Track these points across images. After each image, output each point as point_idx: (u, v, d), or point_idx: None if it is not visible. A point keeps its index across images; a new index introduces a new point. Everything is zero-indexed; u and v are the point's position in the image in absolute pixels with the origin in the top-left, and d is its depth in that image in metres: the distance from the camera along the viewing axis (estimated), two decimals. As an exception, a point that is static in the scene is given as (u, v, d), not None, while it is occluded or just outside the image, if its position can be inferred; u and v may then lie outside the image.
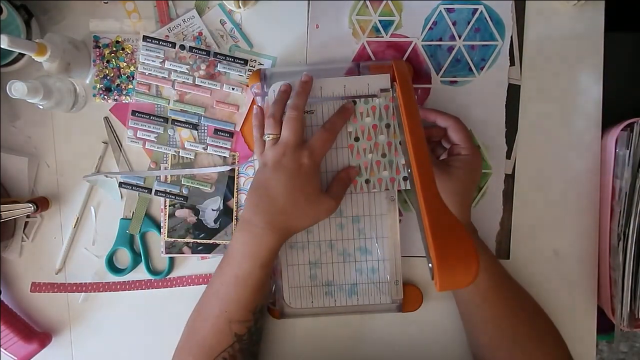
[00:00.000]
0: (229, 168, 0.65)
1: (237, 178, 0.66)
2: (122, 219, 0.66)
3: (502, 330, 0.57)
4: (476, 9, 0.63)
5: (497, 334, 0.57)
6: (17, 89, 0.56)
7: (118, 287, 0.67)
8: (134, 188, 0.66)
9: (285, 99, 0.58)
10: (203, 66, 0.65)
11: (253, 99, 0.65)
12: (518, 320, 0.57)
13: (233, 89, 0.65)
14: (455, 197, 0.57)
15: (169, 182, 0.66)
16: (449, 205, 0.53)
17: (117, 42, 0.65)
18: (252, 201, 0.56)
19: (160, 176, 0.66)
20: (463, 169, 0.57)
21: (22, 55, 0.63)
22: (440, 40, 0.64)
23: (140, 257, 0.66)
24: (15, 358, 0.64)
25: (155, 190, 0.66)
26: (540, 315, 0.59)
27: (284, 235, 0.56)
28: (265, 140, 0.57)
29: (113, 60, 0.66)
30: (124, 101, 0.66)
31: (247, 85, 0.65)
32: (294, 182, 0.54)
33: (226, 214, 0.66)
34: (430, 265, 0.50)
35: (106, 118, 0.66)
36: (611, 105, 0.64)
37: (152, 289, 0.67)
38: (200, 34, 0.65)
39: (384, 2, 0.64)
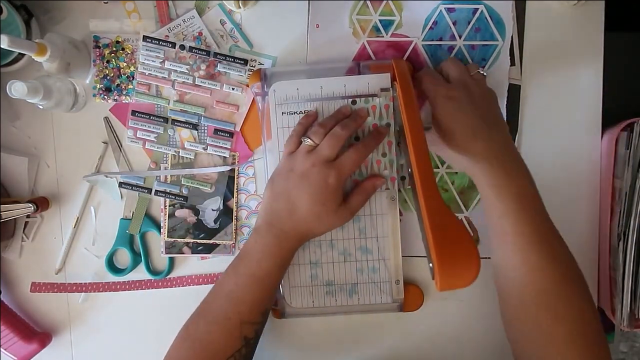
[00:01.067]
0: (229, 168, 0.65)
1: (237, 178, 0.66)
2: (122, 219, 0.66)
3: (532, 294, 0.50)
4: (476, 9, 0.63)
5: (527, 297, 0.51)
6: (17, 89, 0.56)
7: (118, 287, 0.67)
8: (134, 188, 0.66)
9: (341, 118, 0.58)
10: (203, 66, 0.65)
11: (253, 98, 0.65)
12: (547, 277, 0.50)
13: (233, 89, 0.65)
14: (452, 144, 0.54)
15: (169, 182, 0.66)
16: (453, 154, 0.54)
17: (117, 42, 0.65)
18: (273, 207, 0.57)
19: (160, 176, 0.66)
20: (435, 118, 0.55)
21: (22, 55, 0.63)
22: (441, 40, 0.64)
23: (140, 257, 0.66)
24: (15, 358, 0.64)
25: (155, 190, 0.66)
26: (573, 274, 0.52)
27: (303, 239, 0.58)
28: (301, 141, 0.57)
29: (113, 60, 0.66)
30: (124, 101, 0.66)
31: (247, 85, 0.65)
32: (317, 197, 0.55)
33: (226, 214, 0.66)
34: (430, 265, 0.50)
35: (106, 118, 0.66)
36: (611, 105, 0.64)
37: (152, 289, 0.67)
38: (200, 34, 0.65)
39: (385, 1, 0.64)
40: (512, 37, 0.63)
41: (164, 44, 0.64)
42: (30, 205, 0.63)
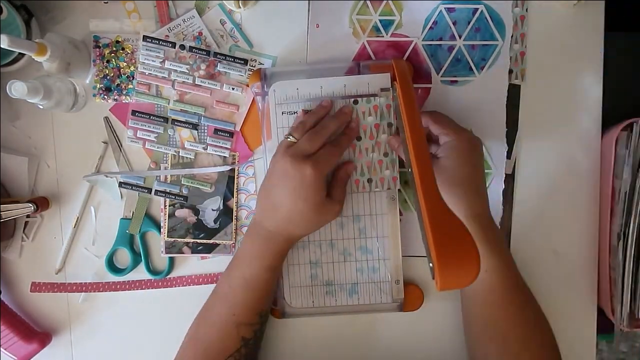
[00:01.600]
0: (229, 168, 0.65)
1: (237, 178, 0.66)
2: (122, 219, 0.66)
3: (495, 330, 0.56)
4: (476, 9, 0.63)
5: (489, 333, 0.56)
6: (17, 89, 0.56)
7: (118, 287, 0.67)
8: (134, 188, 0.66)
9: (323, 114, 0.58)
10: (203, 66, 0.65)
11: (253, 98, 0.65)
12: (513, 323, 0.56)
13: (233, 88, 0.65)
14: (454, 189, 0.53)
15: (169, 182, 0.66)
16: (452, 199, 0.52)
17: (117, 42, 0.65)
18: (260, 206, 0.57)
19: (160, 176, 0.66)
20: (450, 156, 0.54)
21: (22, 55, 0.63)
22: (441, 40, 0.64)
23: (140, 257, 0.66)
24: (15, 358, 0.64)
25: (155, 190, 0.66)
26: (538, 321, 0.58)
27: (289, 240, 0.57)
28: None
29: (113, 60, 0.66)
30: (124, 101, 0.66)
31: (247, 85, 0.65)
32: (298, 193, 0.54)
33: (226, 214, 0.66)
34: (430, 264, 0.50)
35: (106, 118, 0.66)
36: (611, 105, 0.64)
37: (152, 289, 0.67)
38: (200, 33, 0.65)
39: (385, 1, 0.64)
40: (512, 36, 0.63)
41: (164, 43, 0.64)
42: (30, 205, 0.63)
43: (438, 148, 0.56)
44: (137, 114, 0.65)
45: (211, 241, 0.66)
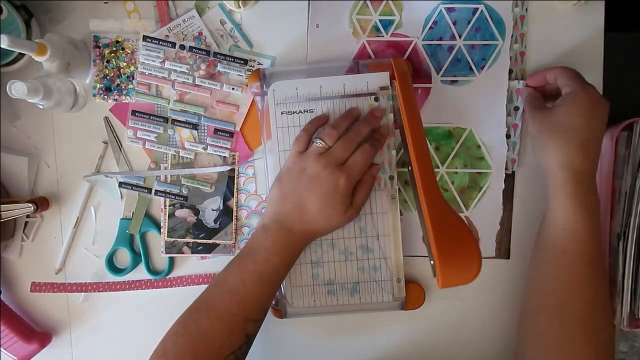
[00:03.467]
0: (229, 168, 0.65)
1: (237, 178, 0.66)
2: (122, 219, 0.66)
3: (554, 298, 0.53)
4: (476, 9, 0.63)
5: (547, 300, 0.54)
6: (17, 89, 0.56)
7: (118, 287, 0.67)
8: (134, 188, 0.66)
9: (352, 119, 0.59)
10: (203, 66, 0.65)
11: (253, 98, 0.65)
12: (574, 295, 0.53)
13: (233, 88, 0.65)
14: (555, 136, 0.53)
15: (169, 182, 0.66)
16: (549, 146, 0.52)
17: (117, 42, 0.65)
18: (282, 207, 0.56)
19: (160, 176, 0.66)
20: (565, 103, 0.54)
21: (22, 55, 0.63)
22: (441, 39, 0.64)
23: (140, 257, 0.66)
24: (15, 358, 0.64)
25: (155, 190, 0.66)
26: (601, 303, 0.54)
27: (310, 239, 0.59)
28: (312, 141, 0.57)
29: (113, 60, 0.66)
30: (124, 101, 0.66)
31: (247, 85, 0.65)
32: (327, 200, 0.55)
33: (226, 214, 0.66)
34: (431, 262, 0.50)
35: (106, 118, 0.66)
36: (611, 105, 0.64)
37: (152, 289, 0.67)
38: (200, 33, 0.65)
39: (384, 1, 0.64)
40: (512, 36, 0.63)
41: (164, 43, 0.64)
42: (30, 205, 0.63)
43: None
44: (137, 114, 0.65)
45: (211, 241, 0.66)
